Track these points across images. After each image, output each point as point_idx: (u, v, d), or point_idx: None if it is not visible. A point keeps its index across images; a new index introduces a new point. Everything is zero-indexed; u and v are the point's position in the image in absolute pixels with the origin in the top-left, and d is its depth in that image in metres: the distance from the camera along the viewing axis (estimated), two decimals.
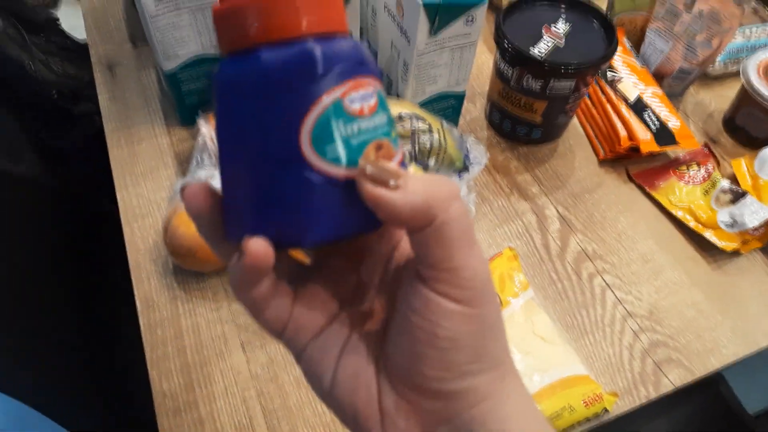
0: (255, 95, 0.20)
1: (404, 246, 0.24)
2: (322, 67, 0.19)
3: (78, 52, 1.02)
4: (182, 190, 0.22)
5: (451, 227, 0.20)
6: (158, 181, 0.64)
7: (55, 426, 0.57)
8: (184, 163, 0.65)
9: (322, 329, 0.24)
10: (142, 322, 0.54)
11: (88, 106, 0.98)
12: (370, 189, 0.19)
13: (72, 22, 1.08)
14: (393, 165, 0.20)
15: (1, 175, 0.69)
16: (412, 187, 0.20)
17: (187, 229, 0.53)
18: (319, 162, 0.19)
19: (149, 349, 0.53)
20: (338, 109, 0.19)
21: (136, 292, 0.56)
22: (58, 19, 1.04)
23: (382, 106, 0.21)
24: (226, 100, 0.21)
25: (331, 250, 0.26)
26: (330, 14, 0.21)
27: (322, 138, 0.19)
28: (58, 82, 0.95)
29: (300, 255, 0.26)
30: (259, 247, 0.20)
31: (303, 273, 0.25)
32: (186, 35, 0.58)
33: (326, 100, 0.19)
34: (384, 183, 0.19)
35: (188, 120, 0.67)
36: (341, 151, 0.20)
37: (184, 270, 0.57)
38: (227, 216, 0.22)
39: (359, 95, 0.20)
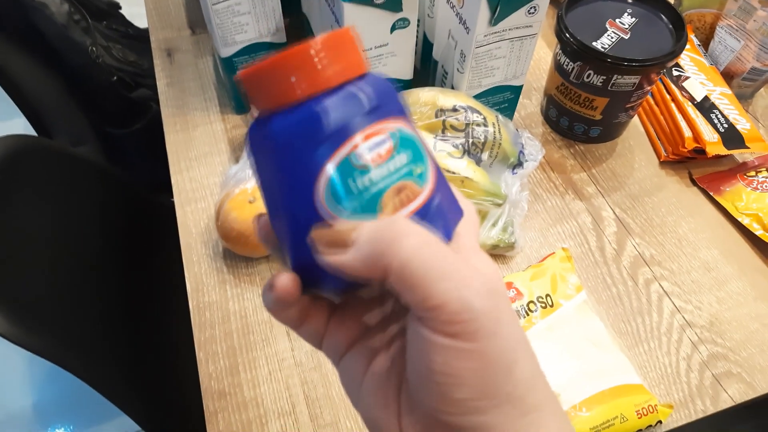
0: (272, 158, 0.21)
1: None
2: (326, 129, 0.20)
3: (138, 39, 1.05)
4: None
5: (411, 266, 0.18)
6: (212, 166, 0.65)
7: (104, 402, 0.59)
8: (237, 150, 0.66)
9: (354, 344, 0.24)
10: (191, 304, 0.55)
11: (145, 92, 1.00)
12: (325, 259, 0.20)
13: (133, 9, 1.11)
14: (341, 223, 0.20)
15: (62, 154, 0.71)
16: (359, 238, 0.19)
17: (239, 214, 0.53)
18: (334, 220, 0.20)
19: (197, 331, 0.53)
20: (348, 166, 0.20)
21: (186, 275, 0.57)
22: (120, 6, 1.07)
23: (401, 145, 0.21)
24: (253, 157, 0.22)
25: None
26: (341, 66, 0.20)
27: (337, 195, 0.20)
28: (118, 67, 0.98)
29: None
30: (284, 283, 0.21)
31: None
32: (245, 21, 0.58)
33: (335, 159, 0.20)
34: (337, 245, 0.20)
35: (242, 107, 0.68)
36: (356, 205, 0.20)
37: (234, 254, 0.57)
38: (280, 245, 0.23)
39: (370, 145, 0.20)
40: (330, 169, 0.20)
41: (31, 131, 0.92)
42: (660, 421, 0.48)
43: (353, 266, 0.19)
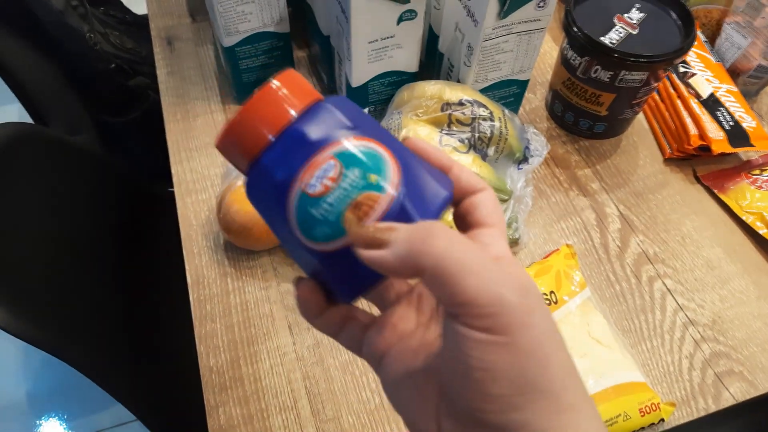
0: (257, 208, 0.25)
1: None
2: (276, 177, 0.22)
3: (136, 26, 1.04)
4: None
5: (444, 263, 0.19)
6: (212, 157, 0.64)
7: (99, 391, 0.58)
8: None
9: (392, 348, 0.25)
10: (192, 297, 0.54)
11: (143, 80, 0.99)
12: (364, 254, 0.21)
13: None
14: (378, 225, 0.21)
15: (59, 143, 0.70)
16: (397, 239, 0.21)
17: (241, 206, 0.53)
18: (316, 245, 0.22)
19: (198, 324, 0.53)
20: (304, 200, 0.22)
21: (187, 267, 0.56)
22: None
23: (349, 163, 0.22)
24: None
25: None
26: (276, 116, 0.23)
27: (306, 227, 0.22)
28: (116, 55, 0.96)
29: None
30: (304, 289, 0.24)
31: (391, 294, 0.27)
32: (249, 11, 0.57)
33: (292, 198, 0.22)
34: (375, 245, 0.21)
35: (244, 97, 0.67)
36: (325, 230, 0.22)
37: (235, 247, 0.57)
38: None
39: (316, 175, 0.22)
40: (292, 208, 0.22)
41: (27, 119, 0.91)
42: (662, 419, 0.48)
43: (391, 263, 0.20)
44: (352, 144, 0.23)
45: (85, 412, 1.19)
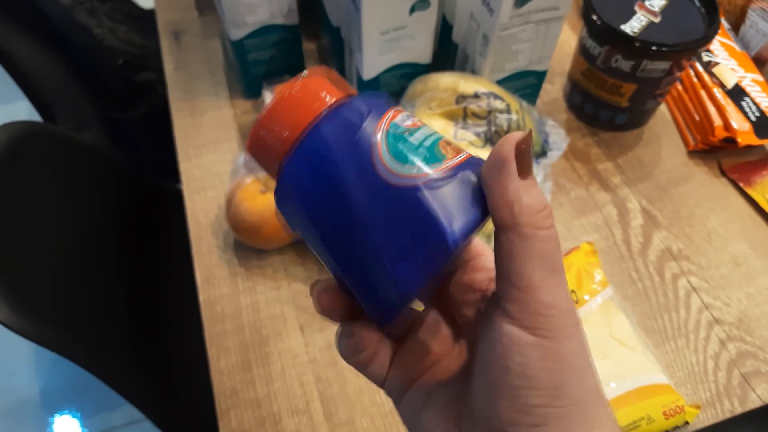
0: (324, 166, 0.21)
1: (488, 286, 0.24)
2: (365, 111, 0.21)
3: (143, 20, 1.03)
4: (314, 286, 0.23)
5: (535, 244, 0.19)
6: (221, 153, 0.63)
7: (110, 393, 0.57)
8: (246, 137, 0.64)
9: (417, 379, 0.24)
10: (202, 297, 0.53)
11: (151, 75, 0.98)
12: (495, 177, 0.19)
13: None
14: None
15: (66, 141, 0.69)
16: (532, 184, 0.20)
17: (250, 204, 0.51)
18: (401, 178, 0.20)
19: (208, 325, 0.52)
20: (397, 129, 0.21)
21: (196, 267, 0.55)
22: None
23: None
24: (295, 200, 0.22)
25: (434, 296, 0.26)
26: (333, 90, 0.22)
27: (402, 151, 0.21)
28: (123, 50, 0.95)
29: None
30: (363, 332, 0.23)
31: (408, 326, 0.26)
32: (256, 3, 0.56)
33: (381, 130, 0.21)
34: (522, 170, 0.19)
35: (252, 91, 0.66)
36: (421, 157, 0.21)
37: (245, 246, 0.55)
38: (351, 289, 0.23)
39: (403, 117, 0.22)
40: (381, 136, 0.21)
41: (36, 115, 0.90)
42: (687, 422, 0.46)
43: (512, 195, 0.19)
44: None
45: (98, 410, 1.19)
